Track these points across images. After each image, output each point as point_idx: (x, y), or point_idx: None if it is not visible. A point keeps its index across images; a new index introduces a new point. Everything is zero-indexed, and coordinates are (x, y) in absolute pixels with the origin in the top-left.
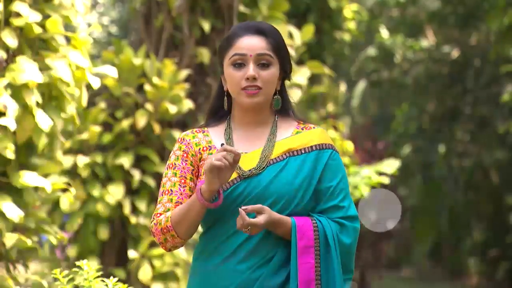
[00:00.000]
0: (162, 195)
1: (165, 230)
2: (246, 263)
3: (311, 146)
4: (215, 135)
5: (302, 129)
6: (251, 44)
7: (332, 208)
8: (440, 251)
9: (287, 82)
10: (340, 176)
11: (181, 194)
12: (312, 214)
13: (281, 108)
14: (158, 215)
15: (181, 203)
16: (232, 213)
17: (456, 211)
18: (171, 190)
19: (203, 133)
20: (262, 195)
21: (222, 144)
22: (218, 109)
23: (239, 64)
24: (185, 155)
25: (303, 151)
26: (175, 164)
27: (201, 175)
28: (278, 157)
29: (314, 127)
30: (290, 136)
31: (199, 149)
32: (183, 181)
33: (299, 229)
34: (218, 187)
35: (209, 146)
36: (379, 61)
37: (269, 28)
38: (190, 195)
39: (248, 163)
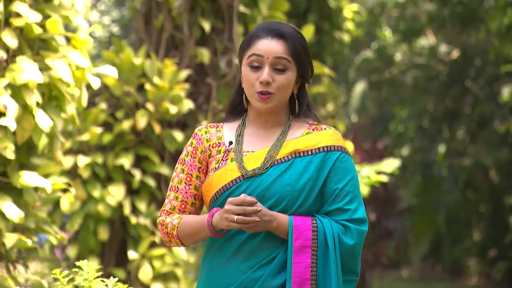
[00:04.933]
0: (170, 191)
1: (170, 236)
2: (247, 263)
3: (319, 148)
4: (228, 131)
5: (313, 130)
6: (269, 47)
7: (337, 211)
8: (440, 251)
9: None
10: (347, 179)
11: (186, 192)
12: (315, 215)
13: (298, 111)
14: (165, 211)
15: (186, 202)
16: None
17: (456, 211)
18: (177, 187)
19: (216, 128)
20: (264, 195)
21: (230, 143)
22: (237, 104)
23: (256, 66)
24: (194, 151)
25: (309, 153)
26: (184, 160)
27: (209, 171)
28: (284, 157)
29: (325, 128)
30: (298, 137)
31: (209, 145)
32: (188, 179)
33: (295, 228)
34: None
35: (218, 143)
36: (378, 61)
37: (290, 32)
38: (195, 194)
39: (253, 162)
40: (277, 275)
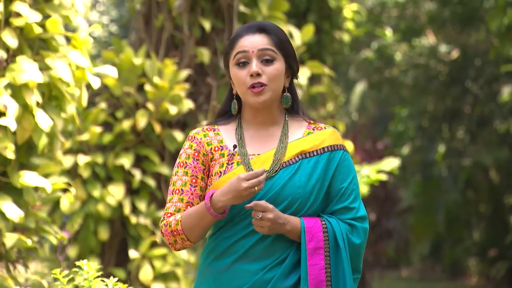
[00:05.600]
0: (173, 194)
1: (175, 233)
2: (258, 264)
3: (323, 148)
4: (226, 134)
5: (313, 129)
6: (252, 41)
7: (343, 210)
8: (440, 251)
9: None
10: (351, 177)
11: (191, 194)
12: (322, 215)
13: (291, 107)
14: (169, 214)
15: (192, 203)
16: (245, 216)
17: (456, 211)
18: (181, 189)
19: (213, 131)
20: (276, 199)
21: (235, 146)
22: (227, 111)
23: (243, 63)
24: (196, 154)
25: (315, 153)
26: (186, 162)
27: (213, 175)
28: (291, 159)
29: (325, 127)
30: (301, 137)
31: (211, 148)
32: (194, 180)
33: (308, 230)
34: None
35: (220, 146)
36: (378, 60)
37: (271, 26)
38: (201, 195)
39: (260, 165)
40: (289, 275)
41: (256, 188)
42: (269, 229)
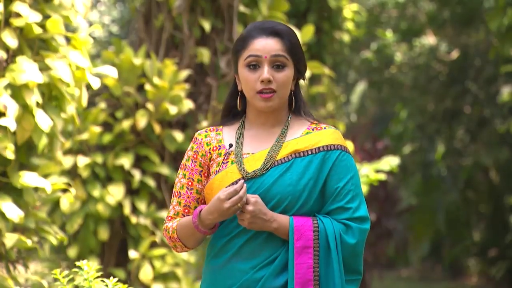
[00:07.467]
0: (173, 197)
1: (173, 239)
2: (249, 263)
3: (319, 147)
4: (227, 134)
5: (313, 129)
6: (266, 45)
7: (338, 209)
8: (440, 251)
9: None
10: (348, 177)
11: (188, 197)
12: (316, 214)
13: (295, 107)
14: (169, 218)
15: (189, 207)
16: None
17: (456, 211)
18: (179, 192)
19: (216, 131)
20: (265, 196)
21: (230, 145)
22: (232, 108)
23: (254, 66)
24: (195, 156)
25: (309, 152)
26: (186, 165)
27: (210, 174)
28: (284, 158)
29: (325, 128)
30: (298, 137)
31: (209, 148)
32: (190, 183)
33: (296, 229)
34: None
35: (218, 146)
36: (378, 60)
37: (284, 29)
38: (198, 198)
39: (253, 164)
40: (279, 275)
41: (239, 204)
42: (249, 222)
